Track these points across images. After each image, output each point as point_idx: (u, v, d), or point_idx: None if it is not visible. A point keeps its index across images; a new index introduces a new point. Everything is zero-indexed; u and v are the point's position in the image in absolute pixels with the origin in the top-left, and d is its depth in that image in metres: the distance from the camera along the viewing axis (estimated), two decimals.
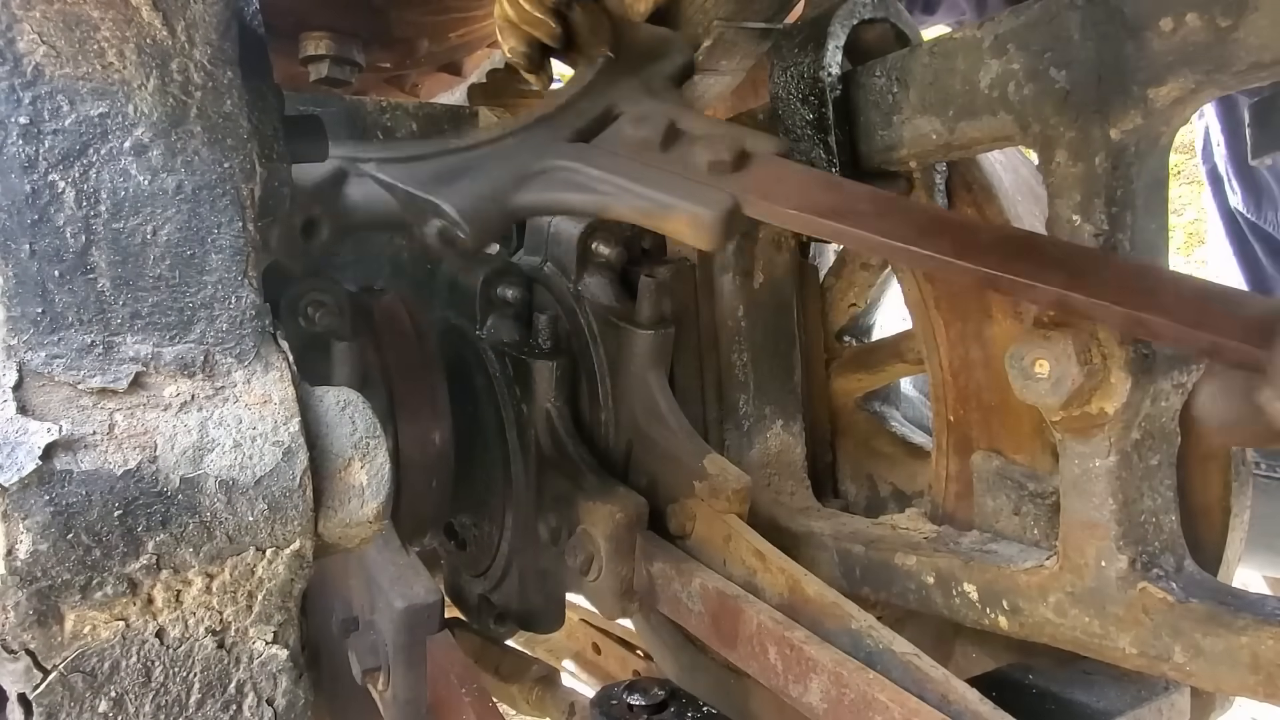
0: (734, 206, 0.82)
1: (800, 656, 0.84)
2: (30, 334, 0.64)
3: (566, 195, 0.91)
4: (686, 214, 0.83)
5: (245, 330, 0.71)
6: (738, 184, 0.83)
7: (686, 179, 0.85)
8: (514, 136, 0.94)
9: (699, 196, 0.83)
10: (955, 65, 0.89)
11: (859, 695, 0.78)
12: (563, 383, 1.22)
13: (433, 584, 0.95)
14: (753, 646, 0.90)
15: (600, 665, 1.86)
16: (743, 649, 0.92)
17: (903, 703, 0.75)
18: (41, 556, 0.61)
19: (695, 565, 1.02)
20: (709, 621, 0.97)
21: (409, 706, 0.94)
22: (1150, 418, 0.82)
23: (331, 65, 1.62)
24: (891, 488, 1.33)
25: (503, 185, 0.91)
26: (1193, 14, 0.72)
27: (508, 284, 1.26)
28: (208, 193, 0.71)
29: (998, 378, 1.04)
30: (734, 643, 0.93)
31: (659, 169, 0.87)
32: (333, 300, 1.05)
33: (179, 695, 0.68)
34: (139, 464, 0.64)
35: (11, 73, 0.64)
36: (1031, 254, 0.72)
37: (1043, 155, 0.83)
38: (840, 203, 0.80)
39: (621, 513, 1.07)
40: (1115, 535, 0.82)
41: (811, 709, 0.83)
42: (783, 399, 1.25)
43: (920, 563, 0.99)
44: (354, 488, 0.72)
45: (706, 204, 0.82)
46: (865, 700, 0.77)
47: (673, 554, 1.05)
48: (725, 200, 0.82)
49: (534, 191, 0.92)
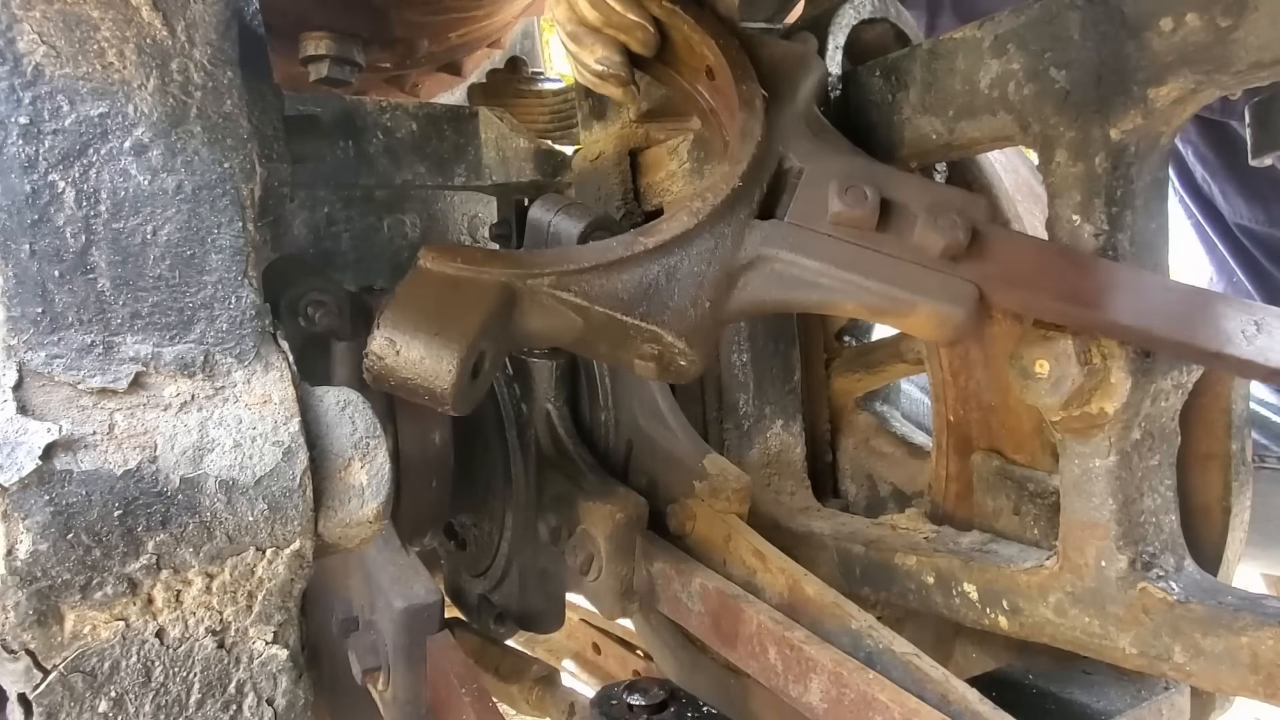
0: (980, 297, 0.74)
1: (800, 656, 0.84)
2: (30, 334, 0.64)
3: (785, 295, 0.80)
4: (930, 311, 0.75)
5: (245, 330, 0.71)
6: (977, 270, 0.75)
7: (919, 266, 0.76)
8: (709, 228, 0.81)
9: (940, 289, 0.75)
10: (955, 65, 0.89)
11: (859, 695, 0.78)
12: (562, 382, 1.22)
13: (433, 584, 0.95)
14: (753, 646, 0.90)
15: (600, 665, 1.86)
16: (743, 649, 0.92)
17: (903, 703, 0.75)
18: (41, 556, 0.61)
19: (695, 565, 1.02)
20: (709, 621, 0.97)
21: (409, 707, 0.94)
22: (1150, 418, 0.82)
23: (331, 65, 1.62)
24: (891, 488, 1.33)
25: (714, 291, 0.79)
26: (1193, 14, 0.72)
27: None
28: (208, 193, 0.71)
29: (998, 378, 1.04)
30: (734, 643, 0.93)
31: (883, 254, 0.77)
32: (333, 300, 1.05)
33: (179, 695, 0.68)
34: (139, 464, 0.64)
35: (11, 73, 0.64)
36: None
37: (1043, 155, 0.83)
38: (1094, 285, 0.73)
39: (621, 513, 1.07)
40: (1115, 535, 0.82)
41: (811, 709, 0.83)
42: (783, 399, 1.25)
43: (920, 563, 0.99)
44: (354, 488, 0.72)
45: (951, 298, 0.74)
46: (865, 700, 0.77)
47: (673, 554, 1.05)
48: (969, 292, 0.74)
49: (748, 292, 0.81)
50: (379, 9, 1.64)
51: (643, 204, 1.33)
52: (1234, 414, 0.90)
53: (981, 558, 0.95)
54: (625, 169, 1.33)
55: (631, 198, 1.33)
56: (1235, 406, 0.90)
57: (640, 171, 1.33)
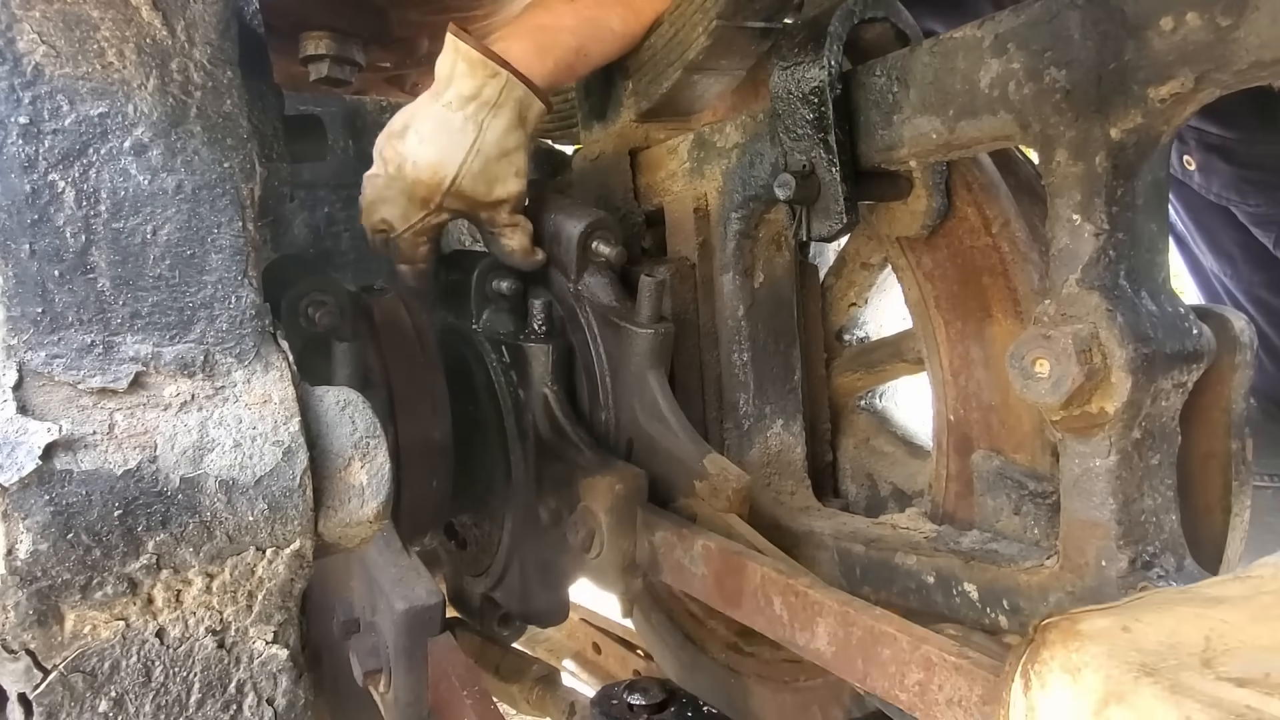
0: None
1: (806, 602, 0.84)
2: (30, 334, 0.64)
3: None
4: None
5: (245, 330, 0.71)
6: None
7: None
8: None
9: None
10: (955, 65, 0.89)
11: (866, 631, 0.78)
12: (559, 365, 1.22)
13: (434, 585, 0.95)
14: (758, 600, 0.90)
15: (600, 665, 1.85)
16: (748, 604, 0.91)
17: (910, 631, 0.75)
18: (41, 556, 0.61)
19: (697, 530, 1.02)
20: (713, 582, 0.96)
21: (410, 709, 0.94)
22: (1150, 417, 0.82)
23: (331, 65, 1.62)
24: (891, 487, 1.33)
25: None
26: (1193, 13, 0.72)
27: (501, 276, 1.27)
28: (208, 192, 0.71)
29: (998, 377, 1.04)
30: (739, 599, 0.93)
31: None
32: (333, 300, 1.05)
33: (179, 695, 0.68)
34: (139, 464, 0.64)
35: (11, 72, 0.64)
36: None
37: (1043, 155, 0.83)
38: None
39: (621, 484, 1.07)
40: (1115, 535, 0.82)
41: (820, 654, 0.82)
42: (783, 399, 1.25)
43: (920, 562, 0.99)
44: (354, 487, 0.72)
45: None
46: (873, 635, 0.77)
47: (674, 521, 1.05)
48: None
49: None
50: (379, 9, 1.64)
51: (643, 204, 1.33)
52: (1234, 414, 0.90)
53: (982, 557, 0.95)
54: (625, 169, 1.33)
55: (631, 197, 1.33)
56: (1235, 406, 0.90)
57: (640, 171, 1.33)
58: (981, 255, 1.05)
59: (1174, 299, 0.84)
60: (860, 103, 1.00)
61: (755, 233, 1.20)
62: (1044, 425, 0.95)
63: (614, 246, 1.21)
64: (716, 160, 1.19)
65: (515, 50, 1.16)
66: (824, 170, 1.00)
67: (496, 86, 1.14)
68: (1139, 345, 0.78)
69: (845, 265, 1.37)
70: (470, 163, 1.15)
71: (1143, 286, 0.81)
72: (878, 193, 1.05)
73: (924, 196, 1.04)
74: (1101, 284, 0.79)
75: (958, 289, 1.08)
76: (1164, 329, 0.80)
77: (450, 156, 1.15)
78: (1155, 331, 0.80)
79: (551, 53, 1.18)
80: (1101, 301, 0.79)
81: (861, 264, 1.36)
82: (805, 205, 1.03)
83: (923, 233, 1.07)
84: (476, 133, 1.15)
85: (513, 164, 1.19)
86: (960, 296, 1.07)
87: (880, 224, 1.10)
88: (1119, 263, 0.80)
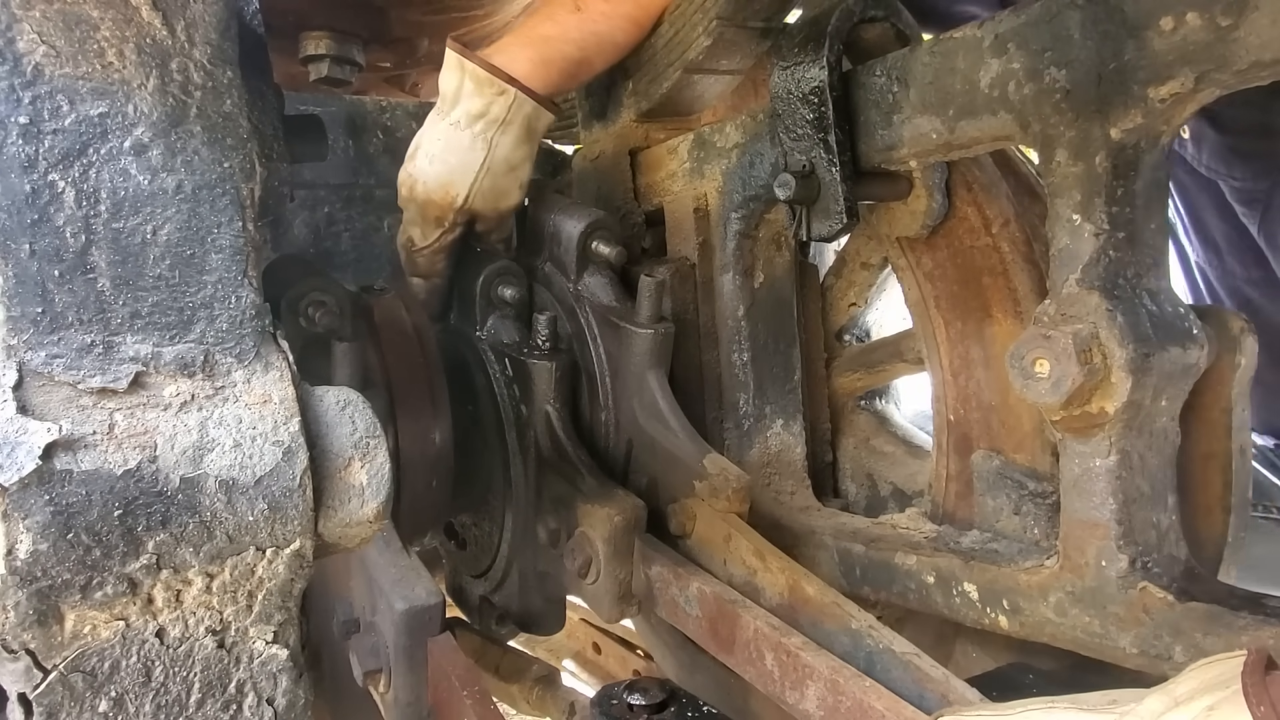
0: None
1: (797, 663, 0.84)
2: (30, 334, 0.64)
3: None
4: None
5: (245, 330, 0.71)
6: None
7: None
8: None
9: None
10: (955, 65, 0.89)
11: (855, 703, 0.77)
12: (562, 384, 1.22)
13: (434, 586, 0.95)
14: (749, 652, 0.90)
15: (600, 665, 1.86)
16: (739, 654, 0.92)
17: (899, 711, 0.74)
18: (41, 556, 0.61)
19: (693, 569, 1.02)
20: (706, 626, 0.97)
21: (410, 709, 0.94)
22: (1150, 417, 0.82)
23: (331, 65, 1.62)
24: (891, 487, 1.33)
25: None
26: (1193, 13, 0.72)
27: (507, 284, 1.26)
28: (207, 192, 0.71)
29: (998, 378, 1.04)
30: (731, 648, 0.93)
31: None
32: (333, 300, 1.05)
33: (179, 695, 0.68)
34: (139, 464, 0.64)
35: (11, 72, 0.64)
36: None
37: (1043, 155, 0.83)
38: None
39: (619, 515, 1.07)
40: (1115, 535, 0.82)
41: (808, 715, 0.83)
42: (783, 399, 1.25)
43: (920, 562, 0.99)
44: (354, 487, 0.72)
45: None
46: (861, 708, 0.77)
47: (671, 557, 1.05)
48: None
49: None
50: (379, 9, 1.64)
51: (642, 204, 1.33)
52: (1234, 414, 0.90)
53: (981, 557, 0.95)
54: (625, 169, 1.33)
55: (631, 197, 1.33)
56: (1235, 406, 0.90)
57: (640, 171, 1.33)
58: (981, 255, 1.05)
59: (1174, 299, 0.84)
60: (860, 103, 1.00)
61: (755, 233, 1.21)
62: (1044, 425, 0.95)
63: (614, 246, 1.21)
64: (716, 160, 1.19)
65: (520, 63, 1.16)
66: (824, 170, 1.00)
67: (505, 104, 1.14)
68: (1139, 345, 0.78)
69: (845, 265, 1.37)
70: (480, 181, 1.16)
71: (1143, 286, 0.82)
72: (878, 193, 1.05)
73: (924, 196, 1.05)
74: (1101, 284, 0.80)
75: (958, 289, 1.08)
76: (1164, 329, 0.81)
77: (460, 176, 1.16)
78: (1155, 331, 0.80)
79: (556, 64, 1.19)
80: (1101, 301, 0.79)
81: (861, 264, 1.36)
82: (805, 205, 1.03)
83: (923, 233, 1.07)
84: (486, 151, 1.15)
85: (519, 177, 1.21)
86: (960, 296, 1.08)
87: (880, 224, 1.11)
88: (1119, 263, 0.80)
